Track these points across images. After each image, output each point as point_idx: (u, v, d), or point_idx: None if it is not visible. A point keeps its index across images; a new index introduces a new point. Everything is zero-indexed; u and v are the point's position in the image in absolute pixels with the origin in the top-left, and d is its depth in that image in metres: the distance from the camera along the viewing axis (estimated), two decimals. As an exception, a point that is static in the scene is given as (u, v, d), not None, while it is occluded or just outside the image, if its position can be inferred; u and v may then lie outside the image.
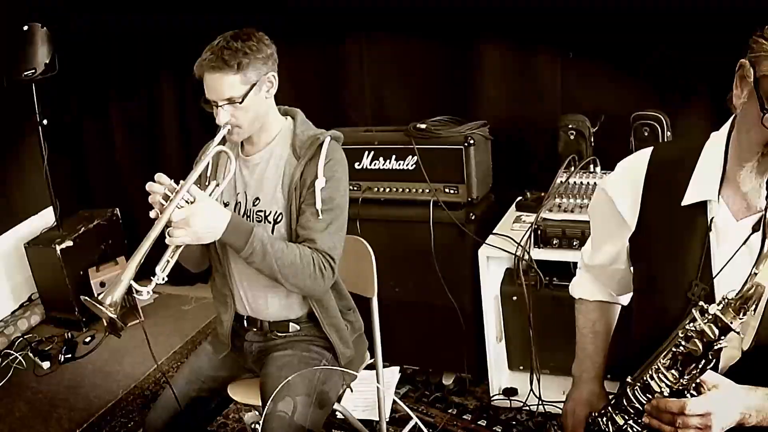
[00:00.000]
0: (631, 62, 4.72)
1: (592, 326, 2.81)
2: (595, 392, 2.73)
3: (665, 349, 2.14)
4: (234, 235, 2.98)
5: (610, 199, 2.49)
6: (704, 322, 1.98)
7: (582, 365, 2.80)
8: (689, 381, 2.08)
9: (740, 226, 2.17)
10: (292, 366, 3.26)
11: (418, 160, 4.60)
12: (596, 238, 2.73)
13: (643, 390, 2.22)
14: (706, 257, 2.21)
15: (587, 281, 2.85)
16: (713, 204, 2.21)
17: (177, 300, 6.80)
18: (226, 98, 3.04)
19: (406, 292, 4.89)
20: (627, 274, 2.64)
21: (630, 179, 2.43)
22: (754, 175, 2.04)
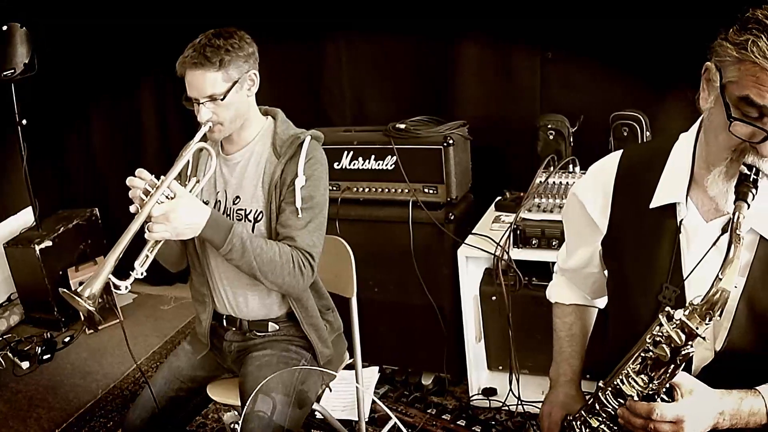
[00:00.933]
0: (610, 62, 4.73)
1: (568, 329, 2.83)
2: (571, 395, 2.72)
3: (635, 353, 2.14)
4: (213, 231, 2.98)
5: (581, 204, 2.51)
6: (671, 328, 1.99)
7: (559, 368, 2.80)
8: (659, 385, 2.08)
9: (710, 227, 2.19)
10: (271, 366, 3.26)
11: (397, 160, 4.59)
12: (570, 242, 2.75)
13: (615, 394, 2.22)
14: (676, 259, 2.23)
15: (563, 285, 2.87)
16: (682, 206, 2.22)
17: (156, 300, 6.79)
18: (208, 95, 3.05)
19: (385, 292, 4.89)
20: (601, 277, 2.66)
21: (600, 183, 2.45)
22: (722, 179, 2.05)
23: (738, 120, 1.90)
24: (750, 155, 1.96)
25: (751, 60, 1.82)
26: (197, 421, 4.68)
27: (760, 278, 2.12)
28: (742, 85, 1.87)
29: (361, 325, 3.71)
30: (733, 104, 1.90)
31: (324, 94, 5.75)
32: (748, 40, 1.83)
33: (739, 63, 1.87)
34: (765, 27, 1.81)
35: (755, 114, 1.87)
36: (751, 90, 1.84)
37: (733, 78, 1.90)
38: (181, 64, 3.08)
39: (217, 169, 3.32)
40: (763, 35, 1.81)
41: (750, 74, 1.84)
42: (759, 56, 1.80)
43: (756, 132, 1.90)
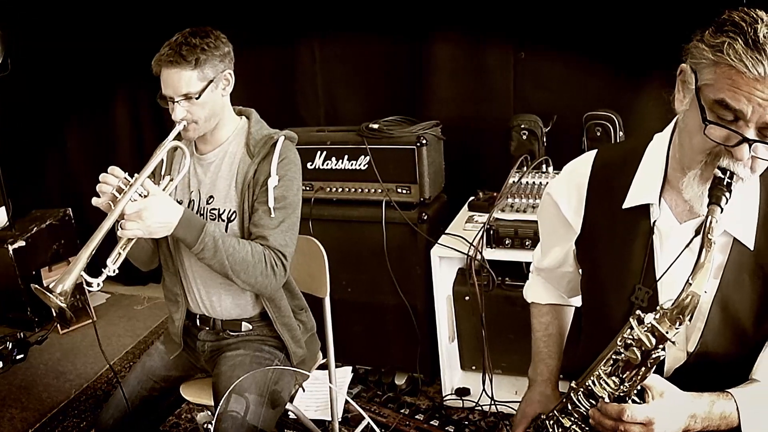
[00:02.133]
0: (583, 62, 4.75)
1: (545, 329, 2.83)
2: (546, 394, 2.73)
3: (606, 355, 2.14)
4: (186, 230, 2.98)
5: (555, 204, 2.51)
6: (642, 331, 1.99)
7: (536, 368, 2.81)
8: (630, 387, 2.09)
9: (683, 228, 2.19)
10: (244, 365, 3.26)
11: (370, 160, 4.59)
12: (544, 241, 2.75)
13: (587, 395, 2.22)
14: (649, 260, 2.23)
15: (539, 284, 2.87)
16: (655, 207, 2.23)
17: (129, 300, 6.79)
18: (183, 94, 3.05)
19: (358, 292, 4.89)
20: (576, 276, 2.65)
21: (574, 183, 2.46)
22: (697, 183, 2.04)
23: (713, 123, 1.90)
24: (725, 158, 1.96)
25: (727, 63, 1.82)
26: (170, 421, 4.67)
27: (733, 281, 2.13)
28: (717, 88, 1.87)
29: (334, 325, 3.70)
30: (708, 107, 1.90)
31: (297, 94, 5.74)
32: (724, 43, 1.83)
33: (714, 65, 1.87)
34: (741, 30, 1.82)
35: (730, 117, 1.87)
36: (727, 93, 1.85)
37: (708, 81, 1.90)
38: (157, 62, 3.07)
39: (191, 168, 3.32)
40: (739, 38, 1.81)
41: (726, 77, 1.85)
42: (735, 59, 1.80)
43: (731, 135, 1.89)
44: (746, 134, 1.87)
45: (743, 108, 1.83)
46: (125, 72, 6.18)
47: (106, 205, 2.87)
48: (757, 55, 1.79)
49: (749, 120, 1.85)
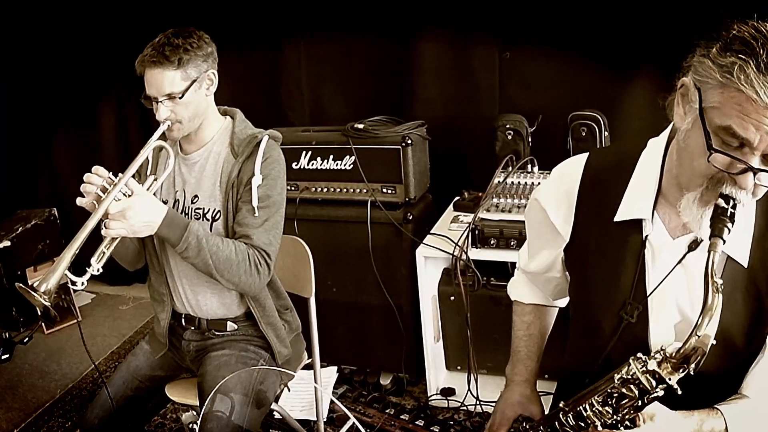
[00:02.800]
0: (568, 62, 4.76)
1: (526, 329, 2.80)
2: (526, 395, 2.72)
3: (601, 386, 2.12)
4: (170, 229, 2.98)
5: (543, 210, 2.46)
6: (641, 372, 1.97)
7: (515, 368, 2.79)
8: (623, 417, 2.08)
9: (676, 244, 2.15)
10: (229, 365, 3.26)
11: (355, 160, 4.58)
12: (532, 245, 2.70)
13: (576, 418, 2.21)
14: (640, 275, 2.19)
15: (523, 284, 2.83)
16: (647, 221, 2.18)
17: (115, 300, 6.77)
18: (166, 94, 3.05)
19: (343, 292, 4.89)
20: (563, 281, 2.63)
21: (563, 190, 2.39)
22: (696, 206, 1.97)
23: (719, 152, 1.82)
24: (728, 185, 1.89)
25: (737, 87, 1.72)
26: (155, 421, 4.66)
27: (726, 299, 2.01)
28: (724, 114, 1.78)
29: (319, 325, 3.70)
30: (713, 131, 1.82)
31: (283, 94, 5.74)
32: (734, 65, 1.73)
33: (722, 88, 1.77)
34: (753, 51, 1.71)
35: (736, 144, 1.79)
36: (734, 120, 1.75)
37: (714, 103, 1.80)
38: (141, 63, 3.08)
39: (176, 168, 3.32)
40: (751, 60, 1.71)
41: (734, 102, 1.74)
42: (746, 84, 1.70)
43: (735, 163, 1.81)
44: (751, 162, 1.80)
45: (751, 137, 1.75)
46: (112, 76, 6.15)
47: (90, 204, 2.87)
48: None
49: (756, 148, 1.77)
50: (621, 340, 2.20)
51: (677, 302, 2.16)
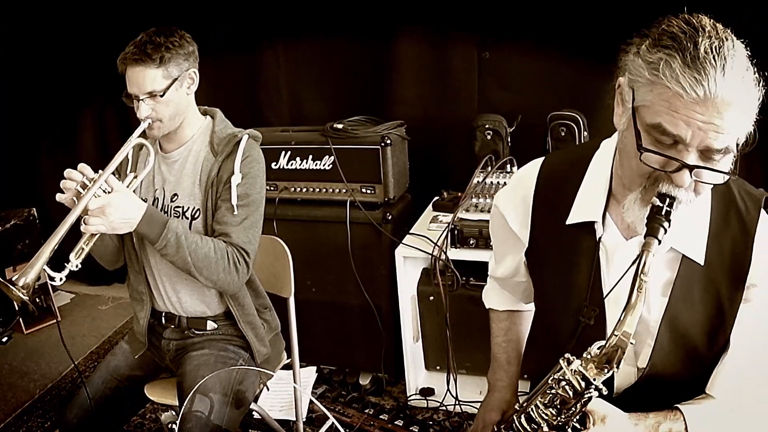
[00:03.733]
0: (547, 62, 4.77)
1: (504, 335, 2.82)
2: (506, 399, 2.73)
3: (542, 388, 2.12)
4: (149, 226, 2.98)
5: (502, 216, 2.47)
6: (571, 374, 1.96)
7: (495, 374, 2.81)
8: (567, 418, 2.07)
9: (630, 245, 2.15)
10: (208, 365, 3.26)
11: (334, 160, 4.58)
12: (497, 251, 2.71)
13: (527, 420, 2.22)
14: (596, 278, 2.19)
15: (495, 291, 2.84)
16: (599, 224, 2.18)
17: (94, 300, 6.76)
18: (148, 92, 3.06)
19: (323, 291, 4.89)
20: (530, 285, 2.61)
21: (520, 196, 2.41)
22: (638, 206, 1.95)
23: (649, 151, 1.81)
24: (664, 184, 1.87)
25: (664, 84, 1.73)
26: (135, 420, 4.65)
27: (682, 298, 2.08)
28: (654, 111, 1.78)
29: (298, 325, 3.69)
30: (645, 130, 1.82)
31: (262, 94, 5.74)
32: (661, 60, 1.73)
33: (651, 85, 1.78)
34: (680, 45, 1.72)
35: (669, 141, 1.78)
36: (664, 117, 1.75)
37: (645, 102, 1.80)
38: (122, 61, 3.08)
39: (156, 166, 3.32)
40: (677, 55, 1.71)
41: (663, 99, 1.75)
42: (672, 80, 1.71)
43: (669, 161, 1.81)
44: (686, 159, 1.78)
45: (682, 133, 1.74)
46: (92, 78, 6.12)
47: (70, 201, 2.87)
48: (695, 74, 1.68)
49: (689, 144, 1.75)
50: (579, 342, 2.17)
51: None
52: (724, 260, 2.08)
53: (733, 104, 1.70)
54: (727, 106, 1.69)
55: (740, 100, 1.71)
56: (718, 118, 1.70)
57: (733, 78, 1.69)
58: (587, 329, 2.19)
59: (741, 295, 2.08)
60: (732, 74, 1.69)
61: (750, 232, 2.07)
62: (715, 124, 1.71)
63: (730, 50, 1.71)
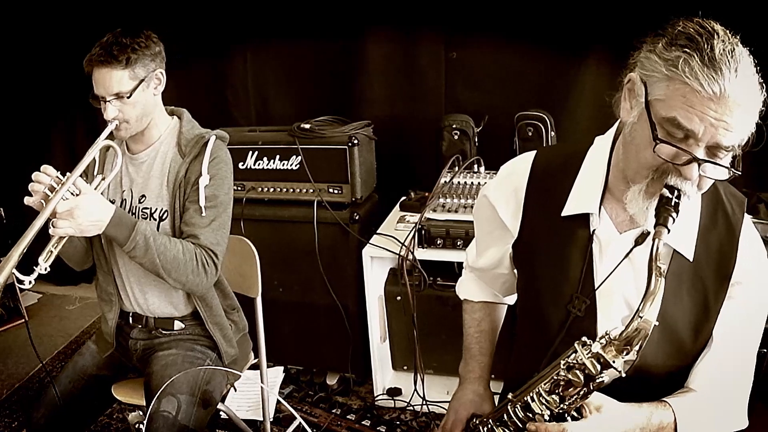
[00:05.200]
0: (514, 62, 4.78)
1: (477, 326, 2.81)
2: (479, 393, 2.73)
3: (547, 374, 2.12)
4: (117, 229, 2.96)
5: (492, 206, 2.47)
6: (586, 357, 1.97)
7: (468, 365, 2.80)
8: (570, 406, 2.08)
9: (623, 238, 2.17)
10: (176, 365, 3.25)
11: (302, 160, 4.58)
12: (480, 242, 2.70)
13: (524, 409, 2.21)
14: (588, 269, 2.20)
15: (472, 282, 2.84)
16: (594, 216, 2.20)
17: (61, 300, 6.71)
18: (114, 93, 3.03)
19: (290, 291, 4.89)
20: (511, 278, 2.64)
21: (512, 186, 2.41)
22: (642, 197, 1.99)
23: (664, 142, 1.85)
24: (673, 176, 1.92)
25: (681, 80, 1.78)
26: (102, 420, 4.63)
27: (672, 292, 2.10)
28: (669, 106, 1.82)
29: (265, 325, 3.68)
30: (659, 123, 1.86)
31: (229, 94, 5.72)
32: (679, 58, 1.78)
33: (668, 81, 1.82)
34: (697, 45, 1.77)
35: (681, 135, 1.83)
36: (679, 112, 1.80)
37: (660, 96, 1.85)
38: (88, 62, 3.05)
39: (123, 167, 3.30)
40: (695, 54, 1.76)
41: (679, 94, 1.80)
42: (690, 76, 1.75)
43: (680, 153, 1.85)
44: (696, 153, 1.83)
45: (695, 128, 1.79)
46: (62, 81, 6.10)
47: (38, 203, 2.85)
48: (712, 73, 1.74)
49: (700, 139, 1.81)
50: (569, 334, 2.20)
51: (624, 296, 2.17)
52: (710, 257, 2.14)
53: (742, 104, 1.77)
54: (737, 105, 1.76)
55: (749, 102, 1.79)
56: (729, 116, 1.77)
57: (744, 80, 1.77)
58: (577, 321, 2.21)
59: (725, 292, 2.14)
60: (743, 76, 1.77)
61: (735, 232, 2.15)
62: (725, 122, 1.77)
63: (740, 54, 1.78)
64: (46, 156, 6.52)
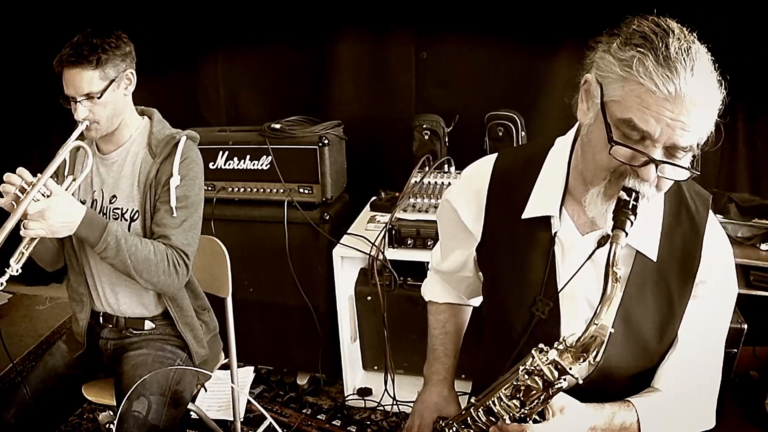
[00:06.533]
0: (485, 62, 4.79)
1: (442, 327, 2.80)
2: (444, 395, 2.71)
3: (508, 379, 2.11)
4: (88, 230, 2.95)
5: (454, 210, 2.45)
6: (544, 363, 1.96)
7: (432, 366, 2.78)
8: (531, 410, 2.06)
9: (585, 240, 2.15)
10: (146, 365, 3.24)
11: (272, 160, 4.58)
12: (444, 245, 2.69)
13: (486, 413, 2.21)
14: (551, 272, 2.19)
15: (437, 283, 2.82)
16: (555, 218, 2.19)
17: (31, 300, 6.67)
18: (85, 93, 3.03)
19: (260, 291, 4.89)
20: (476, 281, 2.62)
21: (474, 190, 2.39)
22: (600, 200, 1.97)
23: (619, 144, 1.83)
24: (630, 178, 1.89)
25: (636, 80, 1.75)
26: (72, 420, 4.62)
27: (635, 293, 2.10)
28: (625, 107, 1.80)
29: (236, 325, 3.67)
30: (614, 125, 1.83)
31: (200, 94, 5.72)
32: (633, 58, 1.76)
33: (622, 81, 1.80)
34: (652, 44, 1.75)
35: (637, 136, 1.81)
36: (635, 113, 1.78)
37: (615, 97, 1.83)
38: (59, 62, 3.04)
39: (94, 168, 3.29)
40: (650, 53, 1.74)
41: (634, 95, 1.77)
42: (644, 76, 1.74)
43: (637, 155, 1.83)
44: (653, 155, 1.81)
45: (651, 129, 1.77)
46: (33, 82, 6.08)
47: (9, 205, 2.83)
48: (667, 72, 1.72)
49: (657, 140, 1.79)
50: (533, 336, 2.19)
51: (587, 298, 2.17)
52: (674, 257, 2.13)
53: (699, 104, 1.75)
54: (694, 105, 1.74)
55: (706, 101, 1.77)
56: (685, 116, 1.75)
57: (701, 79, 1.75)
58: (541, 323, 2.20)
59: (690, 291, 2.14)
60: (700, 75, 1.74)
61: (699, 230, 2.14)
62: (682, 122, 1.75)
63: (697, 52, 1.76)
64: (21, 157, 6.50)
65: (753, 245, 4.01)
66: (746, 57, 4.20)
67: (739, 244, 4.01)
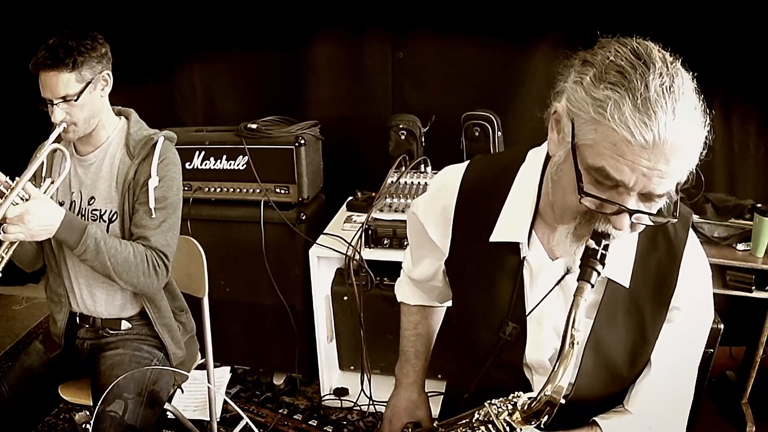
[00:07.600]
0: (461, 62, 4.80)
1: (413, 328, 2.78)
2: (413, 399, 2.72)
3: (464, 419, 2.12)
4: (68, 232, 2.95)
5: (421, 224, 2.40)
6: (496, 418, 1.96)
7: (403, 368, 2.78)
8: None
9: (555, 265, 2.09)
10: (123, 365, 3.24)
11: (248, 160, 4.57)
12: (414, 254, 2.63)
13: None
14: (519, 295, 2.12)
15: (408, 286, 2.77)
16: (524, 244, 2.10)
17: (8, 300, 6.63)
18: (61, 96, 3.02)
19: (236, 291, 4.88)
20: (446, 289, 2.56)
21: (441, 205, 2.30)
22: (570, 241, 1.88)
23: (590, 195, 1.71)
24: (602, 222, 1.78)
25: (611, 126, 1.60)
26: (49, 421, 4.60)
27: (606, 321, 2.04)
28: (598, 153, 1.66)
29: (212, 325, 3.68)
30: (585, 170, 1.71)
31: (176, 94, 5.70)
32: (608, 99, 1.61)
33: (595, 124, 1.64)
34: (630, 83, 1.60)
35: (610, 183, 1.68)
36: (608, 161, 1.64)
37: (587, 141, 1.68)
38: (35, 65, 3.03)
39: (72, 169, 3.29)
40: (627, 96, 1.59)
41: (609, 142, 1.63)
42: (620, 124, 1.59)
43: (608, 205, 1.71)
44: (627, 203, 1.70)
45: (626, 179, 1.64)
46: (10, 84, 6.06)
47: None
48: (645, 119, 1.57)
49: (631, 189, 1.66)
50: (498, 358, 2.17)
51: (554, 323, 2.11)
52: (649, 283, 2.04)
53: (680, 148, 1.62)
54: (674, 151, 1.61)
55: (688, 144, 1.63)
56: (664, 163, 1.62)
57: (683, 121, 1.60)
58: (507, 345, 2.16)
59: (664, 317, 2.06)
60: (682, 117, 1.60)
61: (677, 255, 2.04)
62: (660, 170, 1.63)
63: (680, 88, 1.62)
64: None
65: (729, 245, 4.03)
66: (721, 56, 4.22)
67: (716, 245, 4.03)
